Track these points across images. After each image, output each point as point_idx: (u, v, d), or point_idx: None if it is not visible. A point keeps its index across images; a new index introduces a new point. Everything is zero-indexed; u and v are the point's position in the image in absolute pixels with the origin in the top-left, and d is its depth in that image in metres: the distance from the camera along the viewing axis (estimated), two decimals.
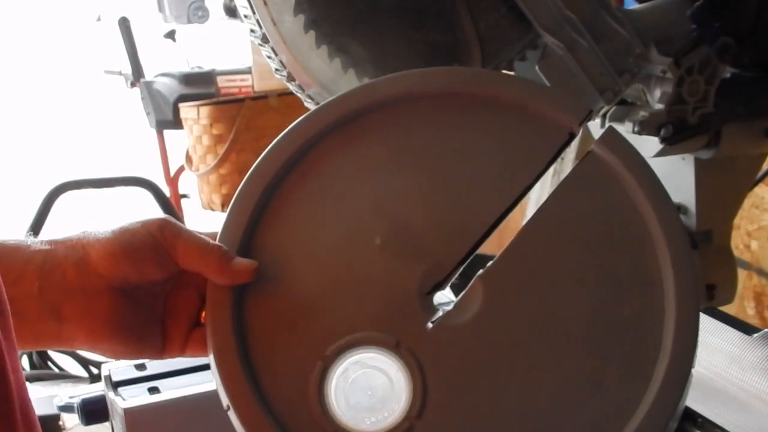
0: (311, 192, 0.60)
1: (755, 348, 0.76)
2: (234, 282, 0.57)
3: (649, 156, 0.99)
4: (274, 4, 0.79)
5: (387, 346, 0.55)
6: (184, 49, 3.92)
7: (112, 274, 0.56)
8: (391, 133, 0.61)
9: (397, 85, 0.62)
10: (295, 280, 0.58)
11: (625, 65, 0.87)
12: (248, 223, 0.59)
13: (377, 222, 0.59)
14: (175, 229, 0.57)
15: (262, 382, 0.55)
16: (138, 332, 0.58)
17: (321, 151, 0.61)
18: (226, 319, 0.56)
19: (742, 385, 0.75)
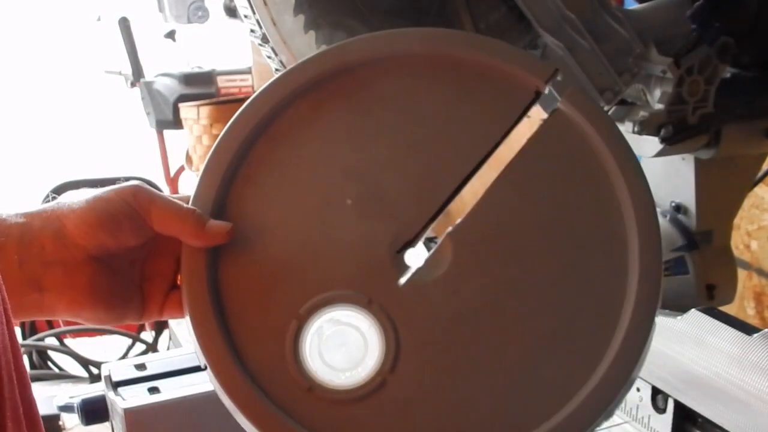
0: (282, 156, 0.61)
1: (755, 348, 0.76)
2: (209, 244, 0.58)
3: (649, 156, 0.99)
4: (274, 4, 0.79)
5: (359, 303, 0.57)
6: (184, 49, 3.92)
7: (89, 244, 0.56)
8: (359, 96, 0.62)
9: (365, 47, 0.63)
10: (268, 242, 0.59)
11: (625, 65, 0.87)
12: (220, 186, 0.60)
13: (348, 184, 0.60)
14: (148, 194, 0.58)
15: (238, 342, 0.56)
16: (118, 298, 0.59)
17: (290, 115, 0.61)
18: (201, 280, 0.57)
19: (742, 385, 0.75)
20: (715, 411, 0.77)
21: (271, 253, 0.59)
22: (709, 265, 1.07)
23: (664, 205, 1.10)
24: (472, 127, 0.61)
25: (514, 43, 0.88)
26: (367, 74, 0.62)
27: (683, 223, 1.07)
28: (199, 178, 0.60)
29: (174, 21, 3.78)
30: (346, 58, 0.62)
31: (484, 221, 0.59)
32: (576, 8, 0.84)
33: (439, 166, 0.60)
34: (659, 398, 0.85)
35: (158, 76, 3.51)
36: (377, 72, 0.62)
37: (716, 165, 1.04)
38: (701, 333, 0.81)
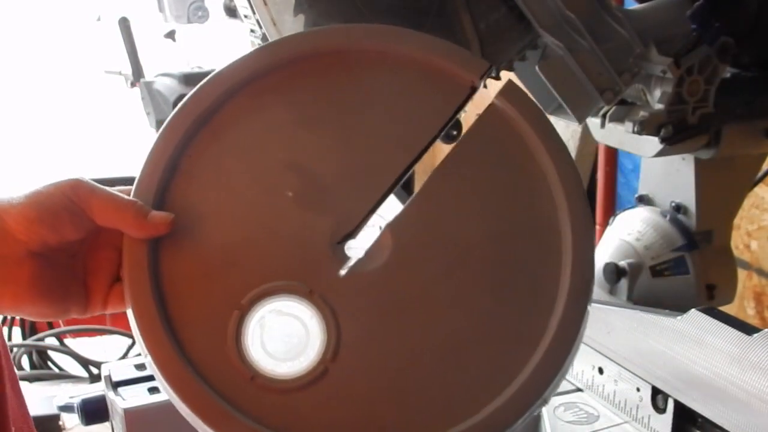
0: (222, 148, 0.62)
1: (755, 348, 0.76)
2: (151, 234, 0.58)
3: (649, 156, 0.99)
4: (274, 4, 0.79)
5: (300, 293, 0.57)
6: (184, 49, 3.91)
7: (29, 239, 0.56)
8: (297, 90, 0.63)
9: (301, 43, 0.65)
10: (209, 233, 0.60)
11: (625, 65, 0.87)
12: (161, 178, 0.60)
13: (287, 176, 0.61)
14: (88, 186, 0.58)
15: (180, 332, 0.57)
16: (60, 293, 0.59)
17: (229, 109, 0.63)
18: (143, 271, 0.58)
19: (742, 385, 0.75)
20: (715, 411, 0.77)
21: (213, 244, 0.59)
22: (709, 265, 1.07)
23: (664, 205, 1.10)
24: (409, 120, 0.62)
25: (514, 43, 0.88)
26: (303, 69, 0.63)
27: (683, 223, 1.07)
28: (140, 171, 0.61)
29: (174, 21, 3.78)
30: (282, 54, 0.64)
31: (421, 213, 0.60)
32: (576, 8, 0.84)
33: (378, 159, 0.61)
34: (659, 398, 0.85)
35: (158, 76, 3.50)
36: (313, 67, 0.64)
37: (716, 165, 1.04)
38: (701, 333, 0.81)
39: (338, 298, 0.58)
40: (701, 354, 0.80)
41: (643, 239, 1.07)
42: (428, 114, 0.62)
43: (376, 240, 0.59)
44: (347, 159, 0.61)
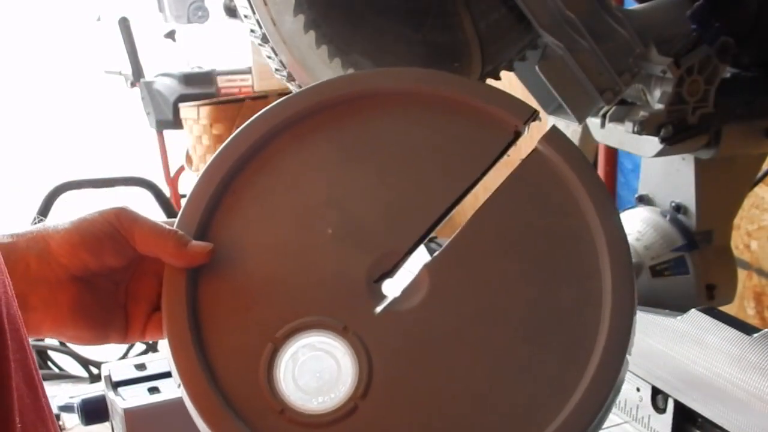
0: (266, 184, 0.63)
1: (755, 348, 0.76)
2: (190, 264, 0.59)
3: (649, 156, 0.99)
4: (274, 4, 0.79)
5: (335, 330, 0.57)
6: (184, 49, 3.91)
7: (72, 263, 0.57)
8: (343, 130, 0.64)
9: (345, 85, 0.66)
10: (248, 266, 0.60)
11: (625, 65, 0.87)
12: (204, 211, 0.61)
13: (329, 214, 0.61)
14: (131, 215, 0.59)
15: (213, 362, 0.57)
16: (101, 319, 0.60)
17: (274, 146, 0.64)
18: (181, 300, 0.58)
19: (742, 385, 0.75)
20: (715, 411, 0.77)
21: (251, 276, 0.60)
22: (709, 265, 1.07)
23: (664, 205, 1.10)
24: (451, 163, 0.62)
25: (514, 43, 0.88)
26: (347, 110, 0.64)
27: (683, 223, 1.07)
28: (184, 203, 0.62)
29: (174, 21, 3.78)
30: (331, 94, 0.65)
31: (460, 254, 0.60)
32: (576, 8, 0.84)
33: (419, 200, 0.61)
34: (659, 398, 0.85)
35: (158, 76, 3.51)
36: (361, 108, 0.64)
37: (716, 165, 1.04)
38: (701, 333, 0.81)
39: (372, 335, 0.57)
40: (701, 354, 0.80)
41: (643, 239, 1.07)
42: (471, 158, 0.62)
43: (413, 280, 0.59)
44: (388, 199, 0.62)
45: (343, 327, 0.57)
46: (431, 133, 0.64)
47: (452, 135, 0.63)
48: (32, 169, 4.68)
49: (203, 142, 3.26)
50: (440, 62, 0.83)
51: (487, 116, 0.63)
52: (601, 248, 0.58)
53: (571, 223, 0.60)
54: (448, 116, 0.64)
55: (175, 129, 3.39)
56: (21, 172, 4.79)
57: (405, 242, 0.60)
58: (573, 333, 0.57)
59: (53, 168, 4.30)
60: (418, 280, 0.59)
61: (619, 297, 0.57)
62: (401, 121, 0.64)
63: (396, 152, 0.63)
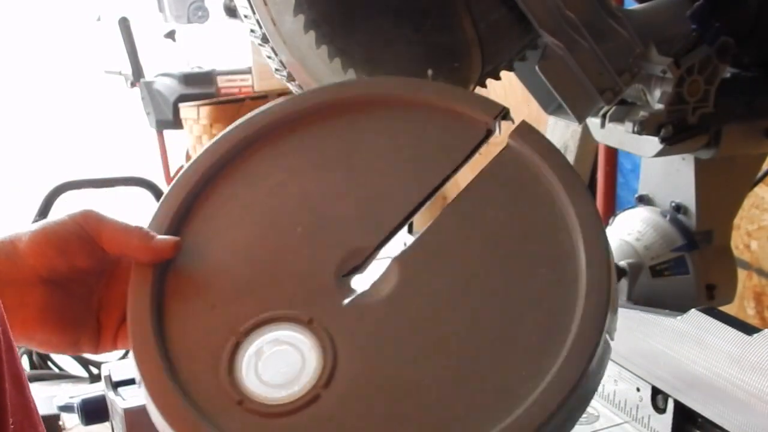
0: (240, 188, 0.64)
1: (755, 348, 0.76)
2: (155, 258, 0.59)
3: (649, 156, 0.99)
4: (274, 4, 0.79)
5: (300, 323, 0.57)
6: (184, 49, 3.91)
7: (40, 263, 0.57)
8: (317, 137, 0.66)
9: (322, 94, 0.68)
10: (216, 264, 0.61)
11: (625, 65, 0.87)
12: (176, 213, 0.62)
13: (300, 214, 0.62)
14: (98, 216, 0.60)
15: (175, 355, 0.57)
16: (72, 324, 0.60)
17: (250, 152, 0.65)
18: (145, 295, 0.58)
19: (742, 385, 0.75)
20: (715, 411, 0.77)
21: (218, 273, 0.60)
22: (709, 265, 1.07)
23: (664, 205, 1.10)
24: (423, 162, 0.63)
25: (514, 43, 0.88)
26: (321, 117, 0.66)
27: (683, 223, 1.07)
28: (157, 205, 0.63)
29: (174, 21, 3.78)
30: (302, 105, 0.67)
31: (431, 246, 0.60)
32: (576, 8, 0.84)
33: (390, 198, 0.62)
34: (659, 398, 0.85)
35: (158, 76, 3.51)
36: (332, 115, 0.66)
37: (716, 165, 1.04)
38: (701, 333, 0.81)
39: (339, 327, 0.57)
40: (701, 354, 0.80)
41: (643, 239, 1.07)
42: (442, 157, 0.63)
43: (383, 273, 0.59)
44: (360, 198, 0.63)
45: (308, 319, 0.57)
46: (403, 136, 0.65)
47: (424, 136, 0.65)
48: (32, 169, 4.68)
49: (203, 142, 3.25)
50: (440, 62, 0.83)
51: (457, 116, 0.64)
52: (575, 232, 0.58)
53: (544, 211, 0.60)
54: (419, 119, 0.65)
55: (175, 129, 3.39)
56: (21, 172, 4.79)
57: (375, 238, 0.61)
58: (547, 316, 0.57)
59: (53, 168, 4.30)
60: (388, 273, 0.59)
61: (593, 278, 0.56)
62: (373, 125, 0.66)
63: (368, 155, 0.65)
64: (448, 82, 0.83)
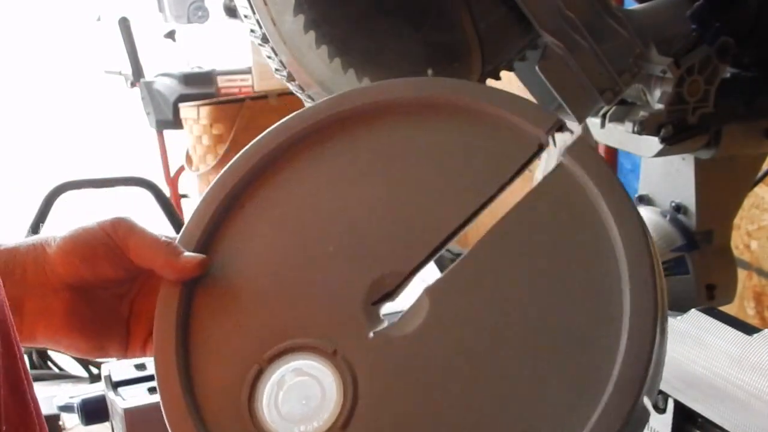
0: (274, 200, 0.61)
1: (755, 348, 0.76)
2: (182, 276, 0.58)
3: (649, 156, 0.99)
4: (274, 4, 0.79)
5: (323, 353, 0.55)
6: (184, 49, 3.91)
7: (67, 271, 0.57)
8: (357, 144, 0.62)
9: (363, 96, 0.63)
10: (244, 283, 0.58)
11: (625, 65, 0.87)
12: (207, 226, 0.60)
13: (334, 229, 0.59)
14: (128, 225, 0.59)
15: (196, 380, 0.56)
16: (98, 330, 0.59)
17: (287, 160, 0.62)
18: (171, 314, 0.57)
19: (742, 385, 0.75)
20: (715, 411, 0.77)
21: (245, 293, 0.58)
22: (709, 265, 1.07)
23: (664, 205, 1.10)
24: (468, 177, 0.59)
25: (514, 43, 0.88)
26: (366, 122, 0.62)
27: (683, 223, 1.07)
28: (189, 218, 0.61)
29: (174, 21, 3.78)
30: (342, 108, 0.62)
31: (466, 277, 0.56)
32: (576, 8, 0.84)
33: (431, 216, 0.58)
34: (659, 398, 0.85)
35: (158, 76, 3.51)
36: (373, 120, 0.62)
37: (716, 165, 1.04)
38: (701, 333, 0.81)
39: (362, 361, 0.54)
40: (701, 354, 0.80)
41: None
42: (489, 172, 0.58)
43: (413, 304, 0.55)
44: (400, 214, 0.58)
45: (333, 351, 0.54)
46: (448, 145, 0.60)
47: (470, 147, 0.59)
48: (32, 169, 4.68)
49: (203, 142, 3.26)
50: (440, 62, 0.83)
51: (508, 126, 0.59)
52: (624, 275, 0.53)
53: (592, 241, 0.55)
54: (466, 127, 0.60)
55: (175, 129, 3.39)
56: (21, 172, 4.79)
57: (410, 261, 0.57)
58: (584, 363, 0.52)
59: (53, 168, 4.30)
60: (418, 305, 0.55)
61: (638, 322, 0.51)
62: (417, 132, 0.61)
63: (410, 165, 0.60)
64: None
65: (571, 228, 0.56)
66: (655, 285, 0.52)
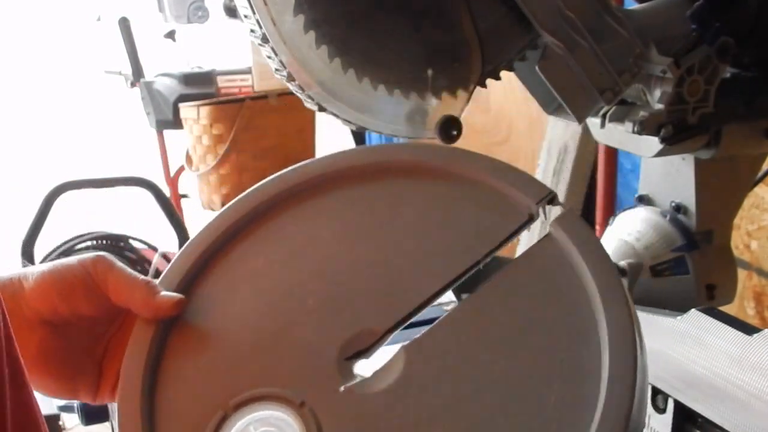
0: (259, 250, 0.61)
1: (755, 348, 0.76)
2: (157, 314, 0.57)
3: (649, 156, 0.99)
4: (274, 4, 0.79)
5: (291, 404, 0.54)
6: (184, 49, 3.91)
7: (43, 306, 0.56)
8: (346, 202, 0.62)
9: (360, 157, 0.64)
10: (220, 329, 0.58)
11: (625, 65, 0.87)
12: (189, 270, 0.60)
13: (315, 284, 0.59)
14: (108, 263, 0.58)
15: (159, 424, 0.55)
16: (71, 371, 0.59)
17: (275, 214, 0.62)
18: (141, 353, 0.56)
19: (742, 385, 0.75)
20: (715, 411, 0.77)
21: (219, 339, 0.58)
22: (709, 265, 1.07)
23: (664, 205, 1.10)
24: (454, 242, 0.59)
25: (514, 43, 0.88)
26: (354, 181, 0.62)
27: (683, 223, 1.07)
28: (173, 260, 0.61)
29: (174, 21, 3.78)
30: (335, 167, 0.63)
31: (443, 338, 0.55)
32: (576, 8, 0.84)
33: (411, 278, 0.58)
34: (659, 398, 0.85)
35: (158, 76, 3.51)
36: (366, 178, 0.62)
37: (716, 165, 1.04)
38: (701, 333, 0.81)
39: (330, 414, 0.53)
40: (701, 354, 0.80)
41: (643, 239, 1.07)
42: (475, 239, 0.58)
43: (388, 361, 0.55)
44: (381, 275, 0.58)
45: (300, 402, 0.54)
46: (436, 211, 0.60)
47: (459, 212, 0.60)
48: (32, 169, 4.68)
49: (203, 142, 3.26)
50: (440, 62, 0.83)
51: (499, 195, 0.59)
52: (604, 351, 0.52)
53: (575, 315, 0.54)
54: (457, 192, 0.60)
55: (175, 129, 3.39)
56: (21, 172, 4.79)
57: (387, 321, 0.56)
58: None
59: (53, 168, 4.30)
60: (393, 362, 0.55)
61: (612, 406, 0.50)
62: (406, 194, 0.61)
63: (396, 226, 0.60)
64: (448, 82, 0.83)
65: (554, 297, 0.55)
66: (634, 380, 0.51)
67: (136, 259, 2.68)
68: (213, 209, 3.34)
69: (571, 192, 2.08)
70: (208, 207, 3.37)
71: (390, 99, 0.82)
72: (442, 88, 0.83)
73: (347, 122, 0.86)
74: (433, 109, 0.83)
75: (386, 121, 0.85)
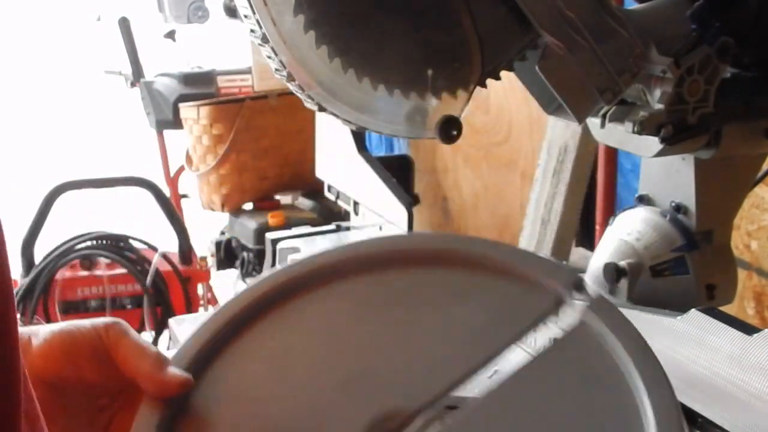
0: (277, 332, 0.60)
1: (755, 348, 0.76)
2: (162, 391, 0.55)
3: (649, 156, 0.99)
4: (274, 4, 0.79)
5: None
6: (184, 49, 3.91)
7: (46, 366, 0.54)
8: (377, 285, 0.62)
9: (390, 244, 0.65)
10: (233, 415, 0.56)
11: (625, 65, 0.87)
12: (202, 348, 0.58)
13: (340, 364, 0.58)
14: (121, 329, 0.56)
15: None
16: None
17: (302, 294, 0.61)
18: None
19: (742, 385, 0.75)
20: (715, 411, 0.77)
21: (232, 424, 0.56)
22: (709, 265, 1.07)
23: (664, 205, 1.10)
24: (483, 327, 0.59)
25: (514, 43, 0.88)
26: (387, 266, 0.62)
27: (683, 223, 1.07)
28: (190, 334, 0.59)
29: (174, 21, 3.78)
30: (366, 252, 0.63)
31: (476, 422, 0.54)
32: (576, 8, 0.84)
33: (440, 361, 0.57)
34: None
35: (158, 76, 3.51)
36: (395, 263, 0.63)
37: (716, 165, 1.04)
38: (701, 333, 0.81)
39: None
40: (701, 354, 0.80)
41: (643, 239, 1.07)
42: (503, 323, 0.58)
43: None
44: (406, 358, 0.58)
45: None
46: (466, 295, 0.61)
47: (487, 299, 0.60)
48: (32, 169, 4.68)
49: (203, 142, 3.26)
50: (440, 62, 0.83)
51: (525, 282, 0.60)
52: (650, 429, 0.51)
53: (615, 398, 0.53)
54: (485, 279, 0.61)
55: (175, 129, 3.39)
56: (21, 172, 4.79)
57: (413, 404, 0.55)
58: None
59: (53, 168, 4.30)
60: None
61: None
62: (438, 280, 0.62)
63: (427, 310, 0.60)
64: (448, 82, 0.83)
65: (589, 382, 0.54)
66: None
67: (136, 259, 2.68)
68: (213, 209, 3.34)
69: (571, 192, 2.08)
70: (208, 207, 3.37)
71: (390, 99, 0.82)
72: (442, 88, 0.83)
73: (347, 122, 0.86)
74: (433, 109, 0.83)
75: (386, 121, 0.85)
